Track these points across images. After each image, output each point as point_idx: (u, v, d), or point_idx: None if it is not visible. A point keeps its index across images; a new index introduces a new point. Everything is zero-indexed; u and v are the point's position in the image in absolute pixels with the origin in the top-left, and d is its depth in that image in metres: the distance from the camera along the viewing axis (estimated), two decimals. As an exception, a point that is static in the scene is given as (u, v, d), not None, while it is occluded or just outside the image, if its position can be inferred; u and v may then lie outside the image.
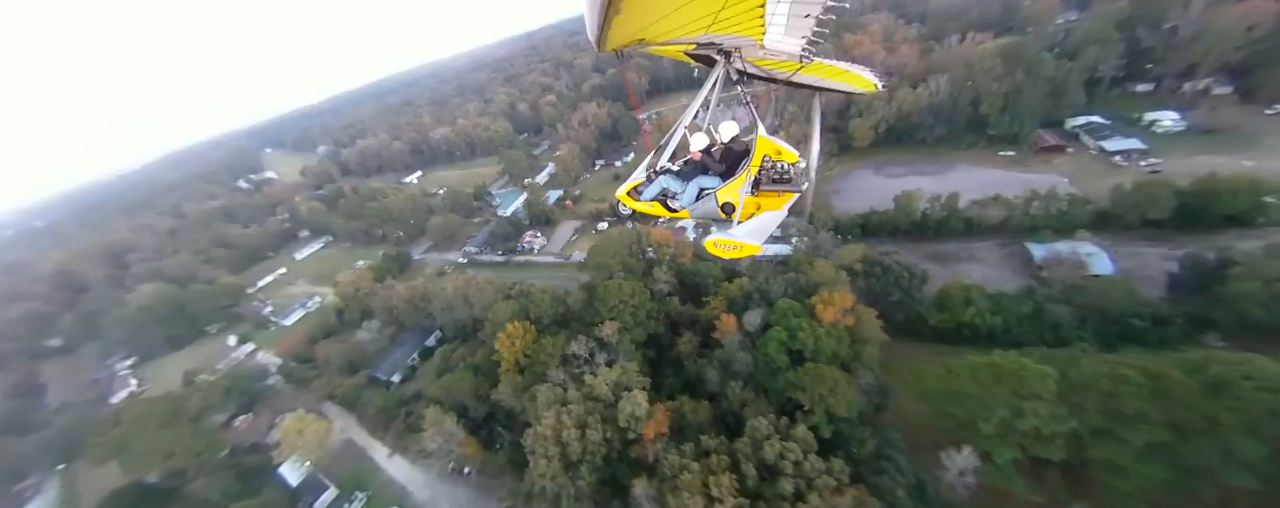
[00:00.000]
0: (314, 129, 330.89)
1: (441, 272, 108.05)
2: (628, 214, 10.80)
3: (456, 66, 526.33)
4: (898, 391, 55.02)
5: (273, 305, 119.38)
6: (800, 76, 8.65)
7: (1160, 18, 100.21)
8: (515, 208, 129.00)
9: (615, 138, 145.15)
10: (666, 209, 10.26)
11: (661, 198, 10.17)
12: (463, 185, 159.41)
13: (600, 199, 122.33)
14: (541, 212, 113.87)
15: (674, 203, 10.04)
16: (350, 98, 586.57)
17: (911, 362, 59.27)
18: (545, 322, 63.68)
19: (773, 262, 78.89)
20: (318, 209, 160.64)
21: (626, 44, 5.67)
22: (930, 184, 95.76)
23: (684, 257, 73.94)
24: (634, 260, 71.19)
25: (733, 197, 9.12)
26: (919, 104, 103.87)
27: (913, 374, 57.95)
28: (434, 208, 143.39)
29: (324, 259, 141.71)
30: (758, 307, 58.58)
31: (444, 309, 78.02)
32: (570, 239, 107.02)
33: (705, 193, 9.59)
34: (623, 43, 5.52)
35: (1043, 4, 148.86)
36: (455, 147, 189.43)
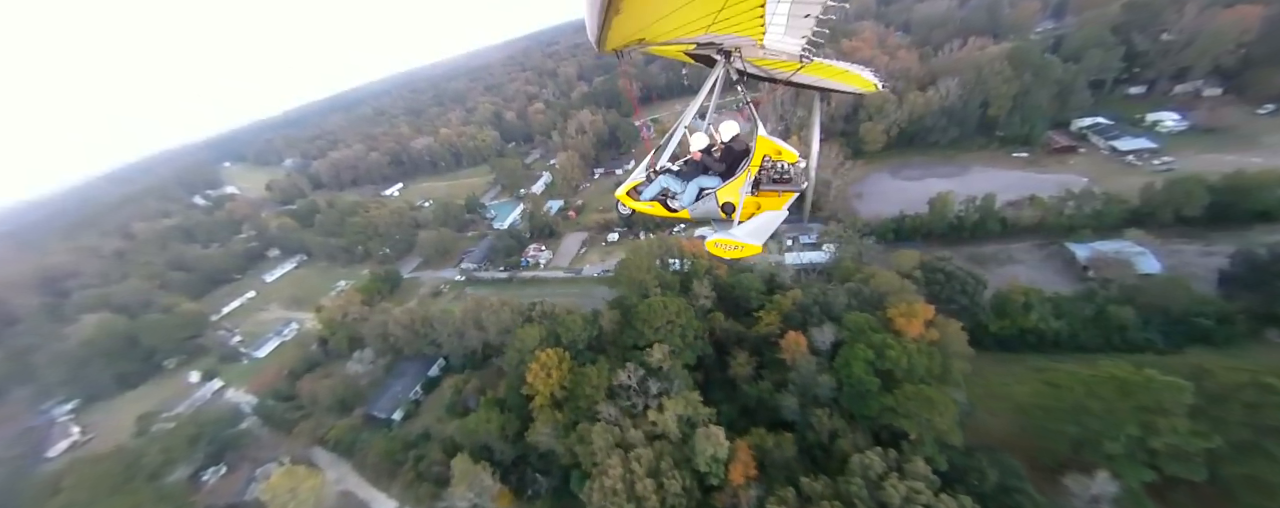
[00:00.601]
0: (278, 141, 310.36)
1: (437, 291, 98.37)
2: (627, 214, 10.67)
3: (429, 76, 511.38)
4: (977, 407, 50.31)
5: (242, 334, 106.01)
6: (800, 76, 8.50)
7: (1152, 23, 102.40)
8: (512, 220, 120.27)
9: (614, 145, 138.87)
10: (666, 209, 10.07)
11: (661, 198, 9.99)
12: (451, 197, 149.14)
13: (604, 209, 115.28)
14: (544, 223, 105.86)
15: (674, 203, 9.88)
16: (314, 109, 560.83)
17: (981, 374, 54.72)
18: (578, 347, 55.97)
19: (805, 271, 73.92)
20: (289, 225, 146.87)
21: (626, 44, 5.59)
22: (949, 186, 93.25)
23: (719, 268, 67.79)
24: (668, 274, 64.49)
25: (733, 197, 8.98)
26: (930, 107, 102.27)
27: (987, 388, 53.46)
28: (422, 222, 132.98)
29: (298, 280, 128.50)
30: (819, 321, 52.93)
31: (452, 335, 68.96)
32: (578, 252, 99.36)
33: (705, 193, 9.43)
34: (623, 43, 5.46)
35: (1023, 12, 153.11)
36: (439, 157, 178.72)
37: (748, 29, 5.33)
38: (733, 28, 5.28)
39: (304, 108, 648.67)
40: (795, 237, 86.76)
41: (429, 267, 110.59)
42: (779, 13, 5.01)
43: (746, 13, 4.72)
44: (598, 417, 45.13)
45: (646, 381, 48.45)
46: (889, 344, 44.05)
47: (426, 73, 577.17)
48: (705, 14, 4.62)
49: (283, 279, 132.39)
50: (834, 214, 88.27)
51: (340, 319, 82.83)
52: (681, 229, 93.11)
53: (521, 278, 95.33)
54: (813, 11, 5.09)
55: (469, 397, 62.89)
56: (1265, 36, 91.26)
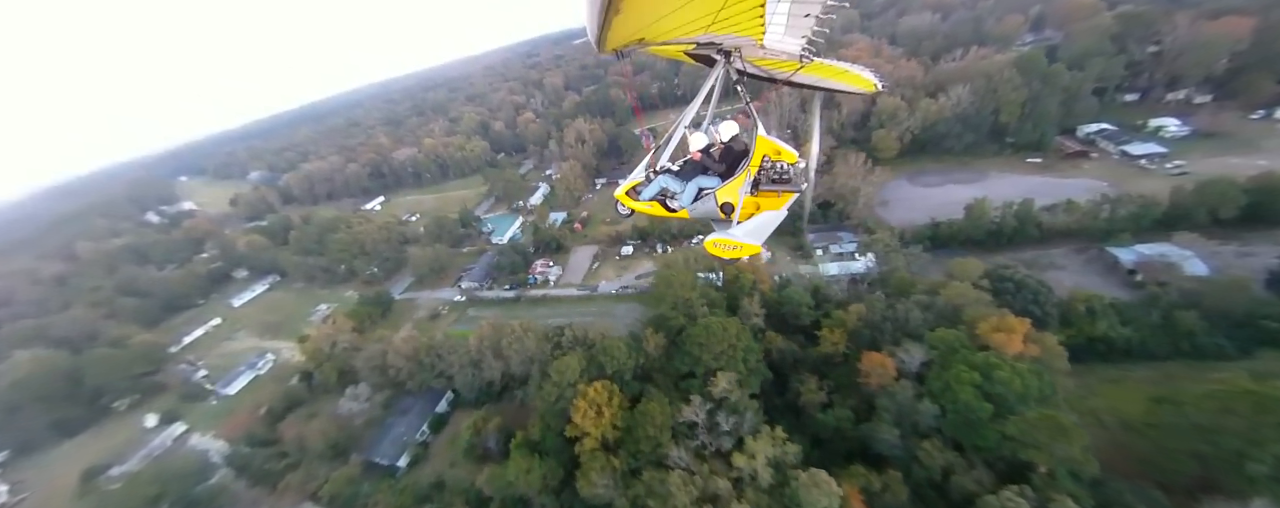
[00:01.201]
0: (241, 153, 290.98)
1: (436, 313, 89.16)
2: (626, 214, 10.59)
3: (404, 86, 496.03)
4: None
5: (207, 368, 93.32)
6: (800, 76, 8.43)
7: (1146, 34, 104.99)
8: (513, 234, 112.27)
9: (614, 154, 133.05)
10: (665, 209, 9.94)
11: (661, 198, 9.87)
12: (441, 210, 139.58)
13: (612, 220, 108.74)
14: (550, 237, 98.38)
15: (673, 203, 9.77)
16: (279, 121, 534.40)
17: (1062, 389, 50.77)
18: (625, 378, 48.98)
19: (842, 282, 69.30)
20: (259, 243, 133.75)
21: (626, 44, 5.55)
22: (970, 192, 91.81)
23: (763, 282, 62.30)
24: (713, 291, 58.45)
25: (732, 197, 8.86)
26: (943, 114, 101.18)
27: (1074, 404, 49.38)
28: (411, 237, 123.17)
29: (272, 304, 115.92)
30: (894, 339, 47.93)
31: (466, 366, 60.60)
32: (591, 267, 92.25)
33: (704, 193, 9.30)
34: (623, 43, 5.43)
35: (1007, 25, 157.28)
36: (424, 169, 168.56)
37: (748, 29, 5.31)
38: (733, 27, 5.23)
39: (267, 120, 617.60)
40: (826, 246, 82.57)
41: (423, 286, 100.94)
42: (779, 12, 4.94)
43: (746, 12, 4.67)
44: (666, 462, 38.22)
45: (716, 416, 41.95)
46: (995, 364, 39.16)
47: (400, 83, 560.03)
48: (705, 14, 4.60)
49: (253, 303, 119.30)
50: (863, 222, 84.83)
51: (328, 350, 72.83)
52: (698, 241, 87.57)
53: (530, 297, 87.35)
54: (813, 11, 5.02)
55: (490, 437, 54.54)
56: (1253, 46, 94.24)
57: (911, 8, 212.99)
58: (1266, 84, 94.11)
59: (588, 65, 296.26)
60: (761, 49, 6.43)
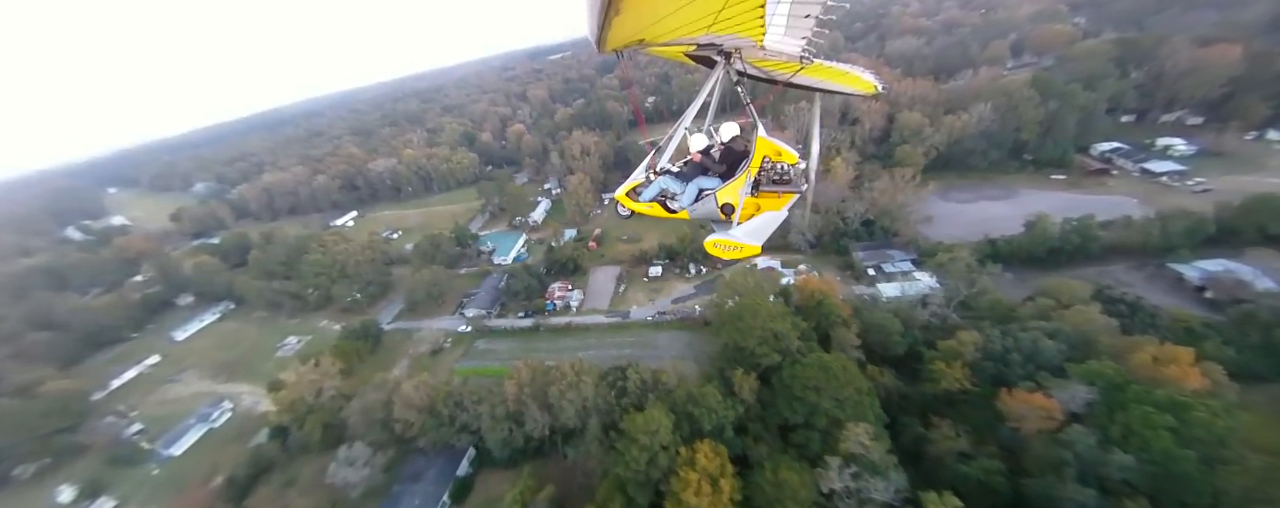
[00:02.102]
0: (183, 163, 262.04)
1: (438, 347, 76.14)
2: (626, 215, 10.48)
3: (368, 97, 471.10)
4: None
5: (144, 422, 75.47)
6: (800, 78, 8.32)
7: (1143, 58, 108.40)
8: (517, 253, 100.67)
9: (622, 168, 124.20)
10: (666, 210, 9.88)
11: (661, 199, 9.81)
12: (429, 226, 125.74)
13: (629, 237, 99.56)
14: (566, 257, 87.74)
15: (673, 204, 9.73)
16: (225, 130, 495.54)
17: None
18: (726, 434, 39.35)
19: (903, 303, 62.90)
20: (210, 265, 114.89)
21: (627, 44, 5.51)
22: (1004, 208, 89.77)
23: (845, 308, 54.67)
24: (800, 321, 50.11)
25: (732, 198, 8.86)
26: (967, 130, 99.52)
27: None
28: (396, 257, 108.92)
29: (226, 337, 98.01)
30: (1027, 372, 41.23)
31: (501, 419, 49.00)
32: (617, 291, 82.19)
33: (705, 194, 9.27)
34: (623, 43, 5.38)
35: (992, 50, 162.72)
36: (404, 181, 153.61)
37: (748, 29, 5.23)
38: (733, 28, 5.17)
39: (211, 128, 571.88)
40: (877, 265, 76.61)
41: (417, 315, 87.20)
42: (779, 13, 4.92)
43: (747, 13, 4.64)
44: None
45: (860, 480, 33.15)
46: (1186, 403, 32.70)
47: (364, 94, 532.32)
48: (705, 14, 4.56)
49: (202, 336, 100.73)
50: (913, 240, 79.83)
51: (311, 399, 58.80)
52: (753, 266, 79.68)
53: (551, 326, 76.07)
54: (813, 12, 4.98)
55: (539, 510, 43.21)
56: (1248, 72, 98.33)
57: (891, 32, 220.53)
58: (1258, 107, 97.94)
59: (571, 79, 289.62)
60: (762, 50, 6.31)
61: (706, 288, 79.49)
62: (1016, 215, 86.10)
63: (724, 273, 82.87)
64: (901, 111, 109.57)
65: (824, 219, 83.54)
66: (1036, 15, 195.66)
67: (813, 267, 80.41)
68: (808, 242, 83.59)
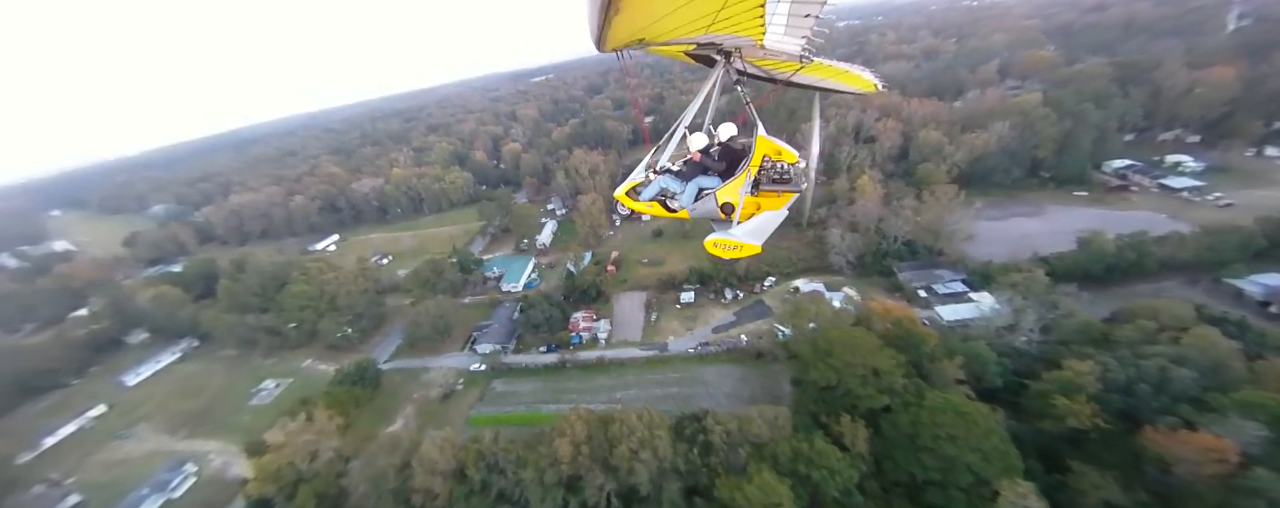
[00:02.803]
0: (139, 184, 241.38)
1: (450, 391, 66.02)
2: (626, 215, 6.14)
3: (344, 117, 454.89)
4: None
5: (83, 491, 61.63)
6: (800, 77, 8.28)
7: (1141, 79, 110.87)
8: (529, 280, 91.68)
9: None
10: (665, 209, 9.80)
11: (661, 198, 9.72)
12: (422, 250, 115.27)
13: (651, 260, 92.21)
14: (587, 283, 79.48)
15: (673, 203, 9.64)
16: (187, 149, 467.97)
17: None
18: (853, 500, 31.79)
19: (979, 328, 57.66)
20: (171, 296, 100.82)
21: (627, 44, 5.49)
22: (1037, 225, 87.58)
23: (930, 334, 48.58)
24: (895, 352, 43.44)
25: (732, 197, 8.72)
26: (987, 148, 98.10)
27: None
28: (388, 285, 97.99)
29: (188, 382, 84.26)
30: (1154, 403, 35.81)
31: (552, 485, 39.85)
32: (648, 321, 74.26)
33: (705, 193, 9.15)
34: (623, 42, 5.34)
35: (981, 75, 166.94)
36: (393, 202, 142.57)
37: (748, 29, 5.17)
38: (733, 28, 5.12)
39: (169, 148, 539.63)
40: (927, 286, 71.67)
41: (418, 351, 76.59)
42: (779, 13, 4.91)
43: (746, 13, 4.61)
44: None
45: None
46: None
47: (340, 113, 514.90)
48: (705, 14, 4.54)
49: (158, 381, 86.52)
50: (961, 259, 75.64)
51: (305, 465, 47.96)
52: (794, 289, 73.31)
53: (579, 361, 67.20)
54: (813, 11, 4.95)
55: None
56: (1244, 93, 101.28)
57: (875, 58, 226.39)
58: (1254, 125, 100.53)
59: (560, 100, 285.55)
60: (762, 49, 6.27)
61: (748, 314, 72.72)
62: (1051, 233, 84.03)
63: (764, 298, 76.61)
64: (918, 130, 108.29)
65: (864, 239, 78.80)
66: (1012, 43, 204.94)
67: (857, 288, 74.92)
68: (848, 262, 78.36)
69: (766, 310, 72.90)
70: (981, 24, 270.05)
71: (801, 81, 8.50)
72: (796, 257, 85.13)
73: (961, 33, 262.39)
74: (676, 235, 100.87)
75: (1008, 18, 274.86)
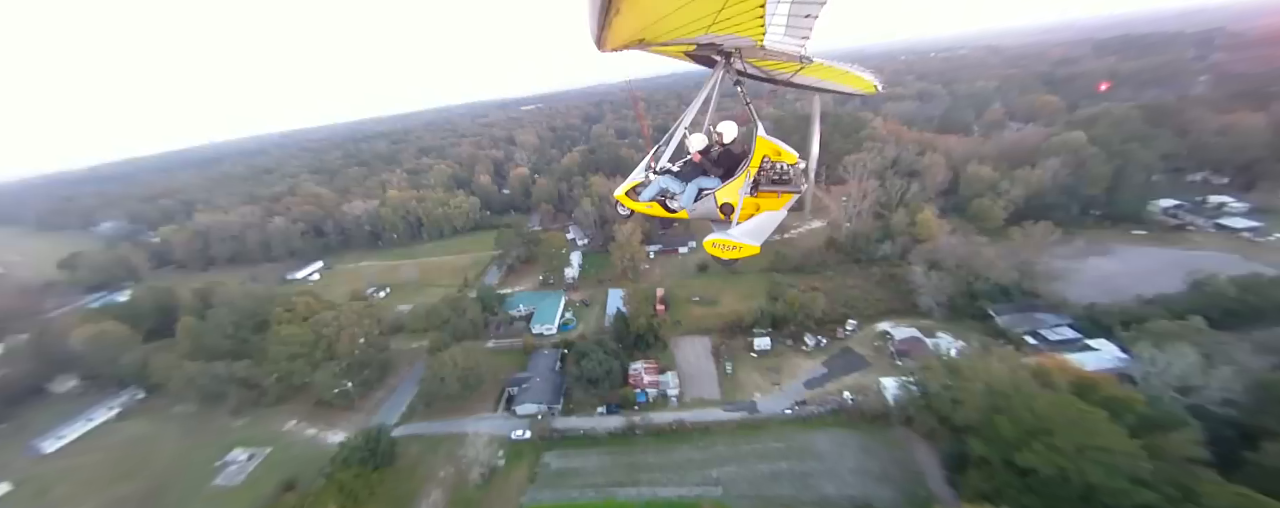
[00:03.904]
0: (87, 199, 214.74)
1: (490, 468, 51.29)
2: (626, 214, 10.32)
3: (324, 136, 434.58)
4: None
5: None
6: (801, 77, 8.27)
7: (1167, 122, 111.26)
8: (564, 321, 78.48)
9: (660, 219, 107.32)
10: (665, 210, 9.72)
11: (661, 198, 9.65)
12: (427, 283, 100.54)
13: (704, 299, 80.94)
14: (642, 326, 67.10)
15: (673, 203, 9.57)
16: (145, 165, 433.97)
17: None
18: None
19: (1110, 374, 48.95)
20: (112, 334, 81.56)
21: (626, 44, 5.39)
22: (1115, 265, 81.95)
23: (1135, 398, 38.79)
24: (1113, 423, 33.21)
25: (732, 197, 8.71)
26: (1042, 184, 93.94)
27: None
28: (386, 325, 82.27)
29: (127, 450, 65.30)
30: None
31: None
32: (723, 372, 62.19)
33: (705, 193, 9.10)
34: (622, 43, 5.27)
35: (989, 116, 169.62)
36: (389, 227, 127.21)
37: (748, 29, 5.13)
38: (733, 28, 5.09)
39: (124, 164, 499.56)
40: (1034, 331, 63.14)
41: (437, 412, 61.15)
42: (779, 13, 4.75)
43: (747, 13, 4.55)
44: None
45: None
46: None
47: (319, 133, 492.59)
48: (705, 14, 4.49)
49: (88, 447, 67.04)
50: (1062, 301, 68.03)
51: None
52: (885, 335, 63.13)
53: (652, 425, 53.99)
54: (814, 12, 4.80)
55: None
56: (1274, 137, 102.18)
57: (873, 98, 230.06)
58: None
59: (558, 127, 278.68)
60: (762, 50, 6.11)
61: (839, 365, 61.91)
62: (1130, 273, 78.51)
63: (851, 344, 66.21)
64: (961, 164, 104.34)
65: (952, 279, 70.57)
66: (1003, 87, 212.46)
67: (954, 334, 65.70)
68: (938, 303, 69.53)
69: (859, 360, 62.43)
70: (962, 72, 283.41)
71: (801, 82, 8.47)
72: (871, 296, 75.93)
73: (945, 78, 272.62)
74: (722, 270, 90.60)
75: (984, 67, 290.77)
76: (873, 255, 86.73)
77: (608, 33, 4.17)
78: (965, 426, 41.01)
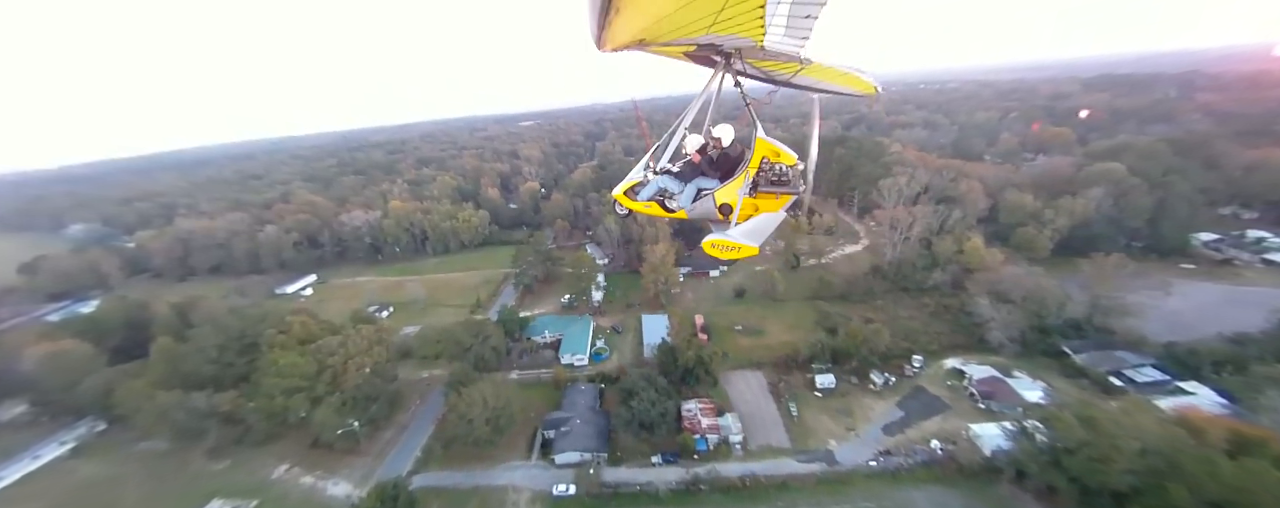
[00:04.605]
0: (55, 198, 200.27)
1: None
2: (624, 214, 10.19)
3: (315, 144, 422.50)
4: None
5: None
6: (800, 78, 8.21)
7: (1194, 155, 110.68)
8: (597, 350, 70.64)
9: (690, 236, 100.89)
10: (664, 209, 9.62)
11: (659, 198, 9.56)
12: (434, 302, 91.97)
13: (748, 328, 74.08)
14: (691, 360, 59.66)
15: (671, 203, 9.49)
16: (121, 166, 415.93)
17: None
18: None
19: None
20: (74, 355, 70.69)
21: (626, 44, 5.36)
22: (1178, 302, 77.73)
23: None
24: None
25: (731, 198, 8.68)
26: (1088, 214, 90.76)
27: None
28: (392, 351, 73.02)
29: (79, 497, 54.64)
30: None
31: None
32: (789, 416, 54.92)
33: (703, 194, 9.05)
34: (622, 43, 5.20)
35: (1005, 144, 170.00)
36: (392, 240, 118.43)
37: (748, 30, 5.08)
38: (733, 28, 5.03)
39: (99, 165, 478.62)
40: (1118, 371, 57.76)
41: (459, 458, 52.30)
42: (779, 14, 4.74)
43: (747, 13, 4.54)
44: None
45: None
46: None
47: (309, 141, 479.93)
48: (705, 14, 4.47)
49: (31, 490, 55.95)
50: (1143, 339, 63.14)
51: None
52: (959, 373, 56.91)
53: (721, 481, 46.11)
54: (813, 12, 4.77)
55: None
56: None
57: (879, 126, 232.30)
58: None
59: (561, 143, 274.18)
60: (762, 51, 6.10)
61: (916, 408, 55.31)
62: (1195, 308, 74.89)
63: (923, 383, 59.79)
64: (1001, 192, 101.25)
65: (1022, 313, 65.32)
66: (1009, 118, 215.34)
67: (1030, 373, 59.89)
68: (1009, 339, 63.94)
69: (936, 402, 55.97)
70: (957, 103, 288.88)
71: (801, 83, 8.38)
72: (930, 329, 70.17)
73: (943, 109, 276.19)
74: (761, 294, 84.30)
75: (978, 99, 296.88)
76: (922, 284, 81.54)
77: (607, 32, 4.15)
78: (1116, 492, 34.53)
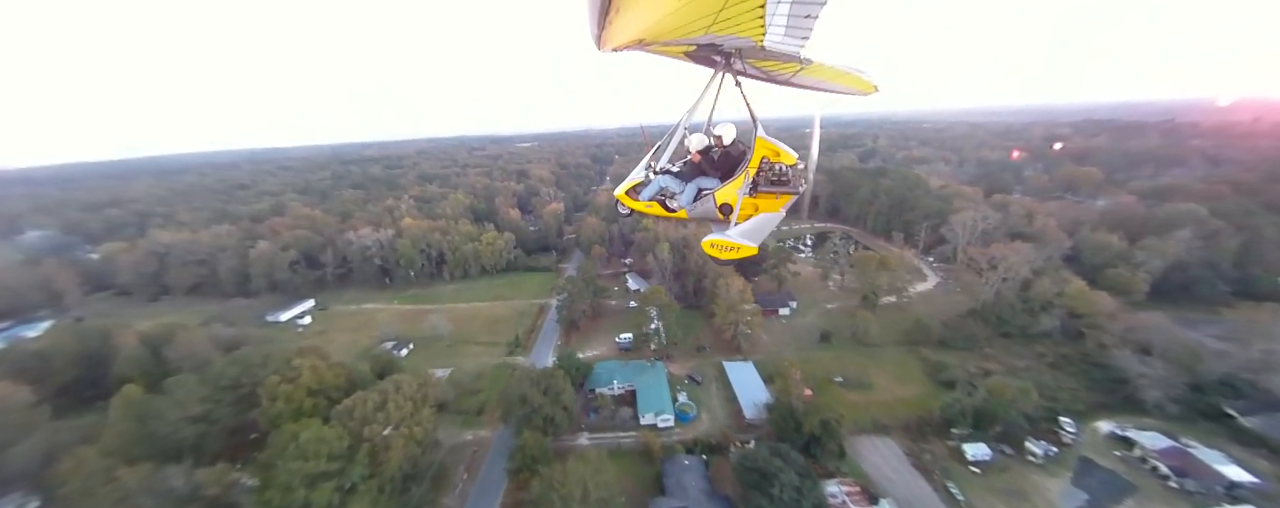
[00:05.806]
0: (15, 200, 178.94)
1: None
2: (626, 214, 10.16)
3: (304, 156, 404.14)
4: None
5: None
6: (800, 78, 8.22)
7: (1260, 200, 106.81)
8: (680, 408, 57.98)
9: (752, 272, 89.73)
10: (665, 209, 9.65)
11: (660, 198, 9.61)
12: (461, 337, 78.42)
13: (856, 382, 62.60)
14: (824, 427, 47.71)
15: (672, 203, 9.51)
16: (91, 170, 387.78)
17: None
18: None
19: None
20: (11, 404, 54.33)
21: (626, 44, 5.35)
22: None
23: None
24: None
25: (731, 198, 8.65)
26: (1180, 255, 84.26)
27: None
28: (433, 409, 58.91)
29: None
30: None
31: None
32: (953, 498, 43.23)
33: (704, 194, 9.02)
34: (622, 42, 5.21)
35: (1037, 181, 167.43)
36: (406, 262, 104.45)
37: (748, 30, 5.07)
38: (733, 28, 5.02)
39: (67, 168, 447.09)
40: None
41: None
42: (779, 14, 4.70)
43: (747, 13, 4.52)
44: None
45: None
46: None
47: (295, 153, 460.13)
48: (705, 14, 4.44)
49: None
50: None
51: None
52: (1123, 443, 46.49)
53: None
54: (814, 12, 4.73)
55: None
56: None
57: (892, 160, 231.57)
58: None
59: (567, 165, 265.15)
60: (762, 50, 6.09)
61: (1098, 489, 44.67)
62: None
63: (1091, 454, 49.05)
64: (1076, 230, 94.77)
65: (1172, 368, 56.17)
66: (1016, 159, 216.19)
67: (1198, 439, 49.93)
68: (1168, 400, 54.29)
69: (1117, 481, 45.53)
70: (961, 141, 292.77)
71: (801, 83, 8.44)
72: (1061, 384, 60.28)
73: (947, 147, 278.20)
74: (849, 338, 73.64)
75: (977, 140, 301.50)
76: (1026, 331, 72.38)
77: (607, 32, 4.09)
78: None
